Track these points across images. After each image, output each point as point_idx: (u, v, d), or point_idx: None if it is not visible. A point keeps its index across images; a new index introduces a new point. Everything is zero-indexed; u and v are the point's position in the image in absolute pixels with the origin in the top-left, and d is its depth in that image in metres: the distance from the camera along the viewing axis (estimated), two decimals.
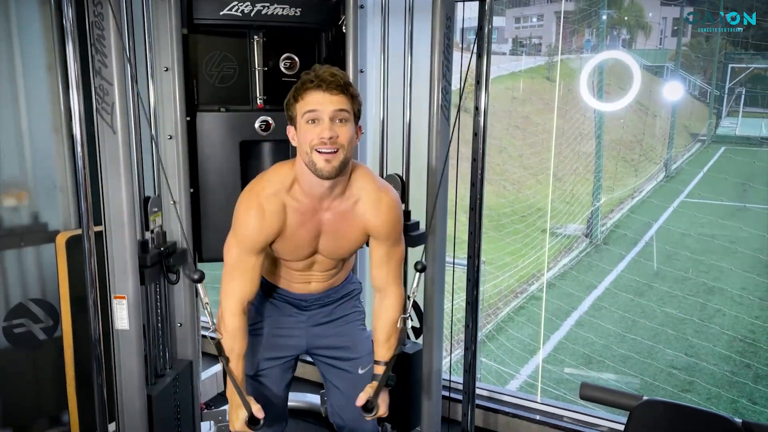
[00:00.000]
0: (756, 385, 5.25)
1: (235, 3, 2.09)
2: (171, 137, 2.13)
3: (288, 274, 1.80)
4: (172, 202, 2.15)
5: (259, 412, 1.63)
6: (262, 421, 1.64)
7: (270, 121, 2.23)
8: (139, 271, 1.97)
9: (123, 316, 1.94)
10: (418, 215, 2.37)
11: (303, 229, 1.66)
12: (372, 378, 1.78)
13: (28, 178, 2.32)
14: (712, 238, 8.20)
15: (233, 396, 1.67)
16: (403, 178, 2.36)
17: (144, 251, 2.03)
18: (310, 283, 1.81)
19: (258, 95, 2.24)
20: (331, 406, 1.97)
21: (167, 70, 2.09)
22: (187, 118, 2.16)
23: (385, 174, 2.44)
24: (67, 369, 2.34)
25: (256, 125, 2.22)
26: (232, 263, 1.69)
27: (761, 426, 1.38)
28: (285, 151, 2.17)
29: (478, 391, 2.44)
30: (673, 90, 12.90)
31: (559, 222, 9.15)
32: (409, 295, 1.81)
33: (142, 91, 2.05)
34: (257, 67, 2.21)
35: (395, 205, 1.70)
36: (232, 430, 1.69)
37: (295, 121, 1.59)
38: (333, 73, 1.55)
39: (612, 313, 6.64)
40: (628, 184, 10.77)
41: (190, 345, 2.31)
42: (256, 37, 2.19)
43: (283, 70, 2.25)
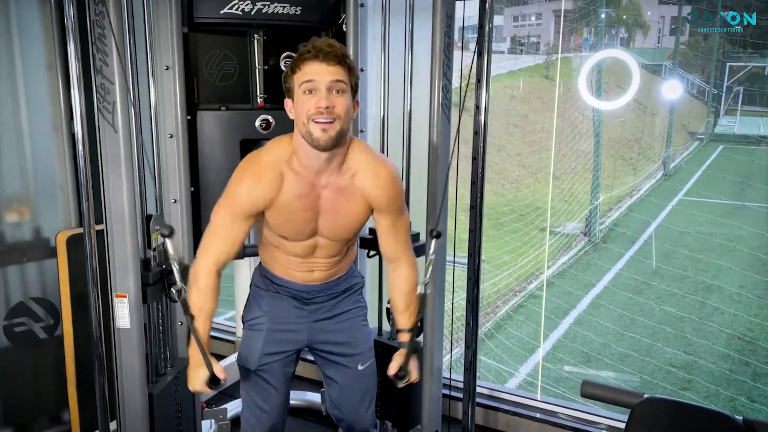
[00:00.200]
0: (754, 382, 5.26)
1: (235, 2, 2.09)
2: (171, 136, 2.13)
3: (290, 262, 1.78)
4: (173, 201, 2.16)
5: (220, 372, 1.62)
6: (223, 381, 1.62)
7: (270, 120, 2.23)
8: (141, 290, 1.99)
9: (124, 314, 1.94)
10: (418, 226, 2.36)
11: (300, 203, 1.64)
12: (399, 346, 1.78)
13: (28, 178, 2.32)
14: (711, 237, 8.22)
15: (195, 354, 1.64)
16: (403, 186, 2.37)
17: (146, 269, 2.05)
18: (312, 272, 1.79)
19: (258, 94, 2.24)
20: (329, 398, 1.98)
21: (168, 68, 2.09)
22: (188, 117, 2.16)
23: None
24: (67, 368, 2.35)
25: (257, 124, 2.23)
26: (217, 223, 1.67)
27: (762, 423, 1.39)
28: None
29: (478, 390, 2.44)
30: (672, 88, 12.91)
31: (558, 220, 9.16)
32: (430, 258, 1.75)
33: (142, 89, 2.06)
34: (258, 66, 2.21)
35: (395, 176, 1.70)
36: (191, 389, 1.67)
37: (292, 93, 1.58)
38: (330, 44, 1.54)
39: (611, 311, 6.65)
40: (627, 182, 10.78)
41: None
42: (256, 35, 2.20)
43: (283, 68, 2.24)
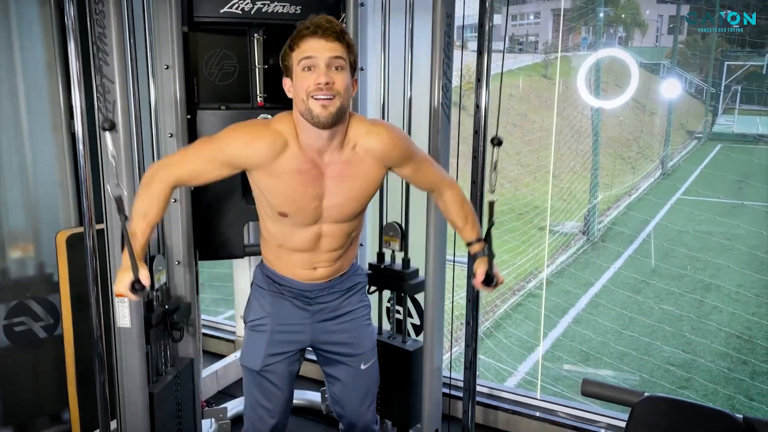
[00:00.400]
0: (753, 381, 5.26)
1: (235, 1, 2.09)
2: (171, 135, 2.13)
3: (293, 259, 1.77)
4: (173, 200, 2.16)
5: (145, 279, 1.58)
6: (147, 288, 1.59)
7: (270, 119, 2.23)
8: (144, 332, 2.01)
9: (125, 313, 1.94)
10: (418, 225, 2.35)
11: (301, 178, 1.61)
12: (473, 258, 1.80)
13: (28, 177, 2.32)
14: (709, 235, 8.24)
15: (126, 258, 1.60)
16: (402, 226, 2.41)
17: (149, 311, 2.07)
18: (315, 270, 1.78)
19: (258, 93, 2.24)
20: (331, 395, 1.98)
21: (168, 68, 2.08)
22: (188, 116, 2.16)
23: (385, 222, 2.49)
24: (67, 367, 2.34)
25: None
26: (195, 153, 1.64)
27: (762, 422, 1.39)
28: None
29: (478, 389, 2.44)
30: (670, 87, 12.94)
31: (557, 219, 9.17)
32: (493, 167, 1.75)
33: (142, 89, 2.05)
34: (257, 65, 2.21)
35: (393, 130, 1.68)
36: (114, 291, 1.63)
37: (291, 71, 1.57)
38: (329, 20, 1.53)
39: (609, 310, 6.65)
40: (626, 181, 10.79)
41: (191, 343, 2.32)
42: (256, 34, 2.19)
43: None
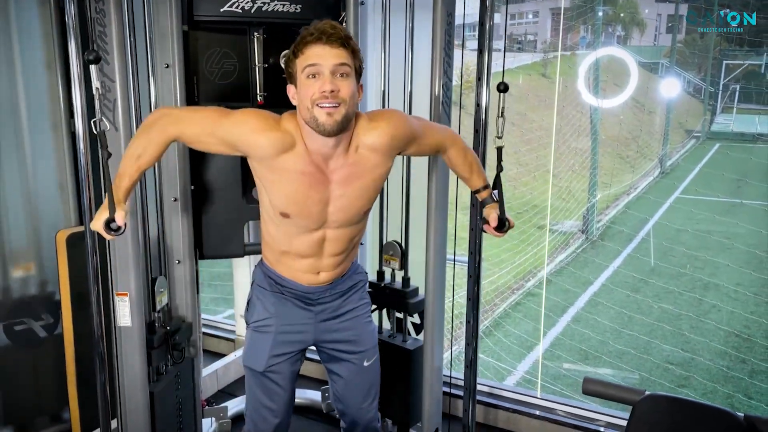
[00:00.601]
0: (752, 380, 5.27)
1: (235, 0, 2.08)
2: None
3: (297, 264, 1.77)
4: (173, 199, 2.16)
5: (120, 220, 1.55)
6: (123, 228, 1.56)
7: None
8: (146, 353, 2.03)
9: (125, 313, 1.94)
10: (418, 225, 2.35)
11: (305, 179, 1.60)
12: (482, 204, 1.82)
13: (28, 176, 2.31)
14: (708, 234, 8.24)
15: (107, 197, 1.57)
16: (402, 244, 2.42)
17: (151, 332, 2.07)
18: (318, 274, 1.78)
19: (258, 92, 2.23)
20: (333, 393, 1.98)
21: (168, 66, 2.08)
22: None
23: (385, 240, 2.49)
24: (67, 366, 2.34)
25: None
26: (204, 117, 1.61)
27: (763, 420, 1.39)
28: None
29: (478, 387, 2.44)
30: (669, 87, 12.95)
31: (556, 218, 9.16)
32: (501, 113, 1.74)
33: (142, 87, 2.05)
34: (257, 64, 2.21)
35: (391, 117, 1.67)
36: (91, 226, 1.61)
37: (295, 78, 1.55)
38: (333, 26, 1.51)
39: (608, 308, 6.65)
40: (624, 180, 10.79)
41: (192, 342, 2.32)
42: (256, 33, 2.19)
43: (283, 66, 2.25)
